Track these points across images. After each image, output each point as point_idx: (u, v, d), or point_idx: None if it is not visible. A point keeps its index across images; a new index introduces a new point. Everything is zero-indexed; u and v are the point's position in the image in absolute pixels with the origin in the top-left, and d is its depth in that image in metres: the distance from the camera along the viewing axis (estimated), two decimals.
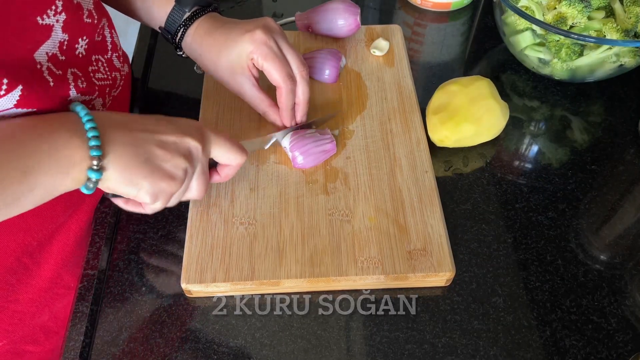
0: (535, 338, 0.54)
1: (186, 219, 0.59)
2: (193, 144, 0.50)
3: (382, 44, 0.75)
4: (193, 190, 0.53)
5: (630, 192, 0.65)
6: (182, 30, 0.62)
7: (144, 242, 0.60)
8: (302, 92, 0.62)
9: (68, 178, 0.45)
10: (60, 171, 0.44)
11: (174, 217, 0.62)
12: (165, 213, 0.62)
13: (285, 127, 0.65)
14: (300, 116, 0.64)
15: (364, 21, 0.83)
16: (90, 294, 0.56)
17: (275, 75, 0.59)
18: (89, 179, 0.46)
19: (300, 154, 0.62)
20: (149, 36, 0.81)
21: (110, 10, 0.63)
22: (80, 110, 0.47)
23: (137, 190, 0.48)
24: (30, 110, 0.48)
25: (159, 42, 0.81)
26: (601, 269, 0.59)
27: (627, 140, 0.70)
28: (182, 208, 0.62)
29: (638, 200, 0.64)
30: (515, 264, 0.59)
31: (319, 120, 0.67)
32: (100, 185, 0.48)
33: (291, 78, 0.60)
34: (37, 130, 0.45)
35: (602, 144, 0.69)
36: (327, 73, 0.71)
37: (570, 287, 0.57)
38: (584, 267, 0.59)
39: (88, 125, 0.45)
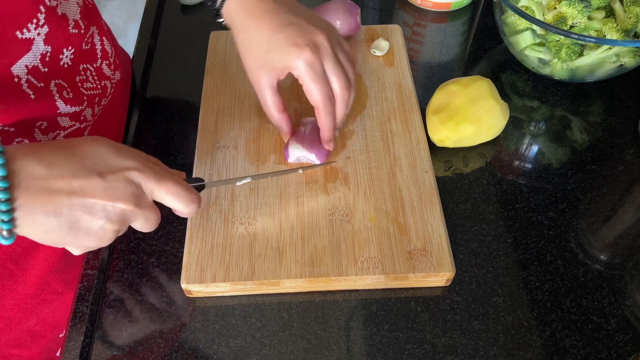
0: (535, 338, 0.54)
1: (186, 219, 0.59)
2: (127, 209, 0.44)
3: (382, 44, 0.75)
4: (138, 228, 0.48)
5: (630, 192, 0.65)
6: None
7: (144, 242, 0.60)
8: (339, 113, 0.58)
9: None
10: None
11: (174, 217, 0.62)
12: (165, 213, 0.62)
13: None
14: (328, 142, 0.61)
15: (364, 21, 0.83)
16: (90, 294, 0.56)
17: (313, 96, 0.56)
18: None
19: None
20: (149, 36, 0.81)
21: (110, 11, 0.62)
22: None
23: (62, 246, 0.45)
24: (8, 126, 0.45)
25: (159, 42, 0.81)
26: (601, 269, 0.59)
27: (627, 140, 0.70)
28: None
29: (638, 200, 0.64)
30: (515, 264, 0.59)
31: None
32: None
33: (330, 100, 0.56)
34: None
35: (602, 144, 0.69)
36: None
37: (570, 287, 0.57)
38: (584, 267, 0.59)
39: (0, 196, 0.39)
